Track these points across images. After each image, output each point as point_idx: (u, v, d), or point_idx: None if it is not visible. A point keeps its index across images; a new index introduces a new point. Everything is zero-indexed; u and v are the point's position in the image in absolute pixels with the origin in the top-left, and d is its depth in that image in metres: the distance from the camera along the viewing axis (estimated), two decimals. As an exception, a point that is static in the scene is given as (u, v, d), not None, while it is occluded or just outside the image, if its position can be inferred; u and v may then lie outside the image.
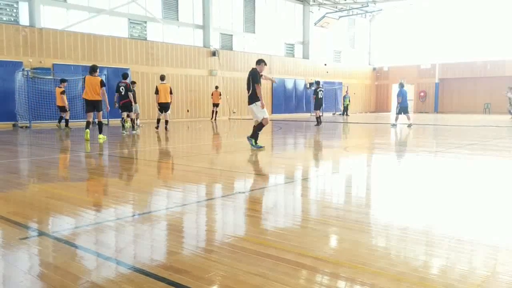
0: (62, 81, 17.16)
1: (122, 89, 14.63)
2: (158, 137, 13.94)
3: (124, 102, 14.65)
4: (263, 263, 2.93)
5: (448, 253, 3.19)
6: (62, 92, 16.79)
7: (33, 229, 3.85)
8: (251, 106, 9.68)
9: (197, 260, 3.02)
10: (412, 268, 2.86)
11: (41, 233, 3.72)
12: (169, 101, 15.31)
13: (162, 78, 15.72)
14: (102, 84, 11.89)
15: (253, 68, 9.69)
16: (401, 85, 18.67)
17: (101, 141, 11.71)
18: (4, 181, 6.13)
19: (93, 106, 11.99)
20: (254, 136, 9.73)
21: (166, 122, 15.85)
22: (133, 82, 16.43)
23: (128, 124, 15.30)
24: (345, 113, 30.31)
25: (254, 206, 4.80)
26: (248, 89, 9.62)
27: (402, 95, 18.34)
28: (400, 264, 2.94)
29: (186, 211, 4.50)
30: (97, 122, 12.50)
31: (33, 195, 5.38)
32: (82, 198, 5.01)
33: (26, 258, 3.14)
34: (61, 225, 3.99)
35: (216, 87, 24.48)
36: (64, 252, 3.25)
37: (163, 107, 15.40)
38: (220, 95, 24.37)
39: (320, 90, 19.00)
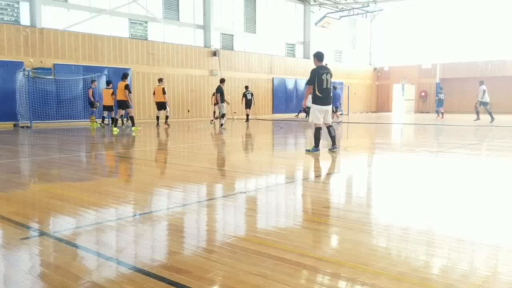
0: (109, 82, 17.76)
1: None
2: (159, 137, 13.96)
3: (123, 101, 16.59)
4: (263, 263, 2.93)
5: (449, 253, 3.19)
6: (112, 93, 17.06)
7: (34, 229, 3.85)
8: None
9: (198, 260, 3.02)
10: (413, 268, 2.86)
11: (42, 233, 3.72)
12: (163, 100, 17.63)
13: (159, 80, 18.25)
14: (126, 87, 14.93)
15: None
16: (334, 88, 22.00)
17: (134, 134, 14.31)
18: (5, 181, 6.14)
19: (120, 105, 15.22)
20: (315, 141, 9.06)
21: (166, 117, 18.04)
22: (223, 80, 17.75)
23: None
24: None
25: (254, 206, 4.80)
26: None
27: (334, 95, 21.52)
28: (401, 264, 2.94)
29: (187, 211, 4.51)
30: (128, 117, 15.60)
31: (34, 195, 5.39)
32: (83, 198, 5.01)
33: (27, 258, 3.14)
34: (62, 225, 3.99)
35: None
36: (65, 252, 3.25)
37: (159, 105, 17.82)
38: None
39: (248, 93, 22.92)
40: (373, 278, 2.70)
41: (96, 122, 18.43)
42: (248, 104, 22.91)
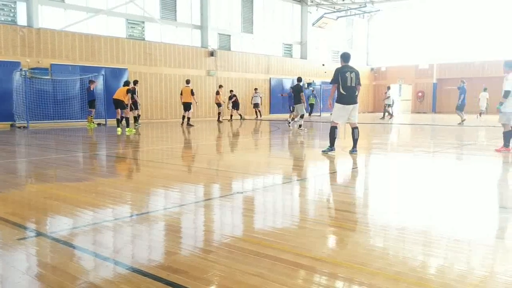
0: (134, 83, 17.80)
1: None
2: (157, 136, 13.95)
3: (133, 102, 17.20)
4: (261, 263, 2.93)
5: (446, 253, 3.19)
6: (127, 92, 16.70)
7: (31, 230, 3.84)
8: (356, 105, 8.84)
9: (195, 260, 3.02)
10: (410, 268, 2.87)
11: (39, 234, 3.72)
12: (190, 101, 18.49)
13: (187, 82, 18.98)
14: (128, 91, 15.38)
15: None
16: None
17: (128, 133, 14.49)
18: (1, 181, 6.12)
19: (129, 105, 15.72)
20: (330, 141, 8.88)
21: (188, 119, 18.68)
22: (301, 79, 16.80)
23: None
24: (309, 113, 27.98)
25: (252, 206, 4.80)
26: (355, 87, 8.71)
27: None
28: (398, 264, 2.95)
29: (184, 212, 4.50)
30: (125, 118, 15.42)
31: (31, 195, 5.37)
32: (79, 198, 5.00)
33: (23, 259, 3.13)
34: (59, 225, 3.99)
35: (220, 86, 23.02)
36: (62, 252, 3.24)
37: (186, 106, 18.59)
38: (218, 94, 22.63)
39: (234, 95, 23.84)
40: (370, 278, 2.70)
41: (93, 122, 18.43)
42: (236, 105, 23.64)
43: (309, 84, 30.58)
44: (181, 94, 19.04)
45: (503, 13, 31.16)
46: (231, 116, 23.77)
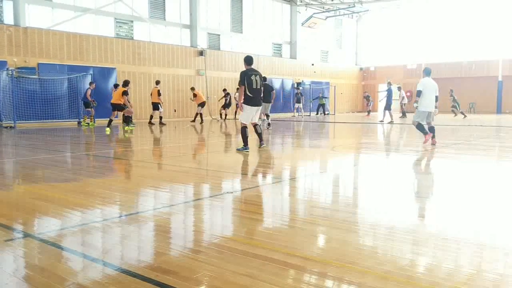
0: (116, 85, 17.65)
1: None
2: (146, 137, 13.89)
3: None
4: (251, 263, 2.93)
5: (434, 251, 3.22)
6: (123, 94, 16.11)
7: (19, 231, 3.80)
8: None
9: (184, 261, 3.01)
10: (399, 267, 2.89)
11: (26, 235, 3.68)
12: (157, 101, 18.87)
13: (157, 82, 19.45)
14: (123, 93, 15.31)
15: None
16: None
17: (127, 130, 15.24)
18: (-12, 182, 6.04)
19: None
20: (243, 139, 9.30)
21: (160, 118, 19.16)
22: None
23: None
24: (319, 112, 30.91)
25: (241, 206, 4.80)
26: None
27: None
28: (387, 263, 2.96)
29: (174, 212, 4.49)
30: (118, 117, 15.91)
31: (19, 196, 5.31)
32: (68, 199, 4.96)
33: (11, 260, 3.10)
34: (47, 226, 3.95)
35: (192, 89, 21.97)
36: (50, 253, 3.21)
37: (154, 106, 19.06)
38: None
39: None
40: (360, 277, 2.71)
41: (88, 122, 18.35)
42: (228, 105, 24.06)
43: (298, 84, 30.66)
44: (151, 94, 19.37)
45: (490, 13, 31.49)
46: (224, 114, 24.15)
